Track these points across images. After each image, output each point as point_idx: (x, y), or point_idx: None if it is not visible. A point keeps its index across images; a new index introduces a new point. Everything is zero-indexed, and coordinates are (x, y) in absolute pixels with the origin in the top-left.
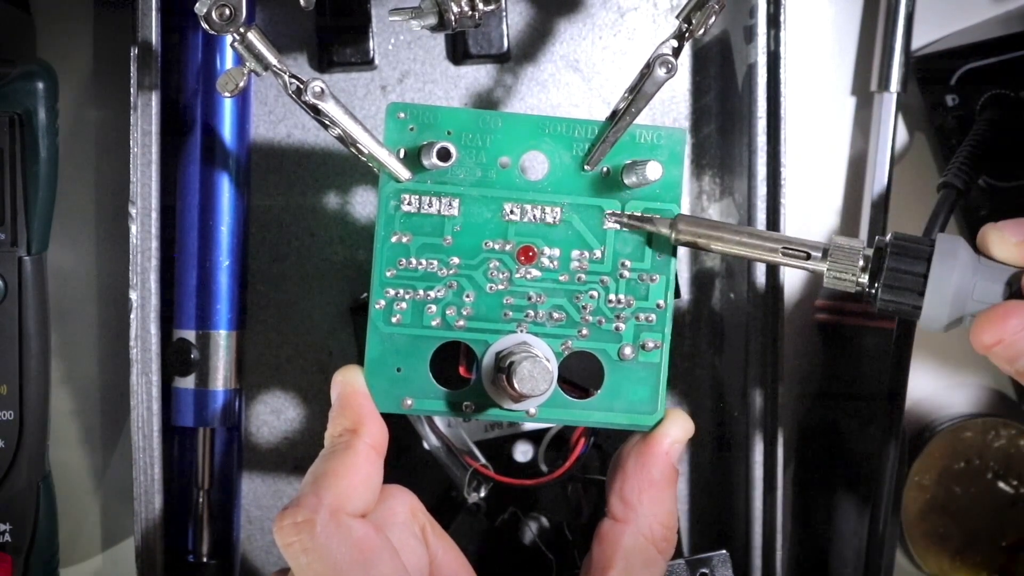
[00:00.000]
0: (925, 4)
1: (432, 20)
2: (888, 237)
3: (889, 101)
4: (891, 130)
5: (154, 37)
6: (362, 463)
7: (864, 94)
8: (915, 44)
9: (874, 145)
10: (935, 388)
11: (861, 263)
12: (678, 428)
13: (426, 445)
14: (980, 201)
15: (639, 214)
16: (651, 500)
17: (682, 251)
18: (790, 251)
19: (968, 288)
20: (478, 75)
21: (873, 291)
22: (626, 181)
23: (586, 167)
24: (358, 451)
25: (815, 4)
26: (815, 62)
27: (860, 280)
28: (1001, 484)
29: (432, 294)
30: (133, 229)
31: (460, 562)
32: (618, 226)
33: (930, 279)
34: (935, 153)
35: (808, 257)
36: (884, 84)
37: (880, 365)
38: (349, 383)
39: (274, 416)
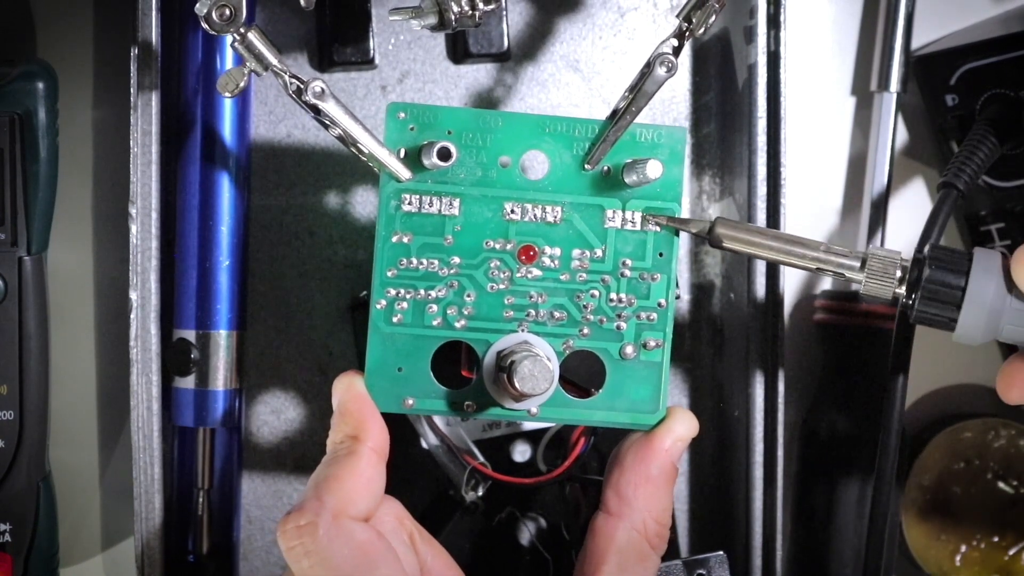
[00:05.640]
0: (925, 4)
1: (432, 20)
2: (927, 249)
3: (889, 101)
4: (891, 130)
5: (154, 37)
6: (364, 467)
7: (864, 94)
8: (915, 44)
9: (874, 145)
10: (935, 388)
11: (899, 274)
12: (683, 426)
13: (424, 444)
14: (980, 201)
15: (674, 216)
16: (646, 495)
17: (682, 252)
18: (826, 266)
19: (1000, 314)
20: (478, 75)
21: (910, 302)
22: (627, 180)
23: (587, 166)
24: (360, 455)
25: (815, 4)
26: (815, 62)
27: (897, 291)
28: (1001, 484)
29: (433, 294)
30: (133, 229)
31: (450, 566)
32: (658, 228)
33: (967, 294)
34: (935, 153)
35: (844, 274)
36: (884, 84)
37: (880, 365)
38: (350, 388)
39: (274, 416)
